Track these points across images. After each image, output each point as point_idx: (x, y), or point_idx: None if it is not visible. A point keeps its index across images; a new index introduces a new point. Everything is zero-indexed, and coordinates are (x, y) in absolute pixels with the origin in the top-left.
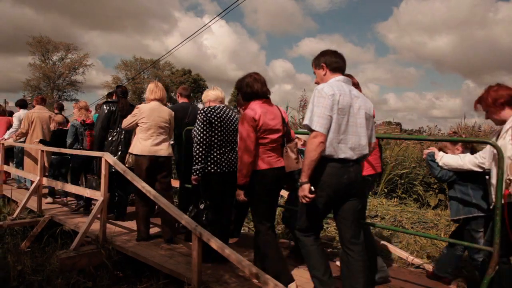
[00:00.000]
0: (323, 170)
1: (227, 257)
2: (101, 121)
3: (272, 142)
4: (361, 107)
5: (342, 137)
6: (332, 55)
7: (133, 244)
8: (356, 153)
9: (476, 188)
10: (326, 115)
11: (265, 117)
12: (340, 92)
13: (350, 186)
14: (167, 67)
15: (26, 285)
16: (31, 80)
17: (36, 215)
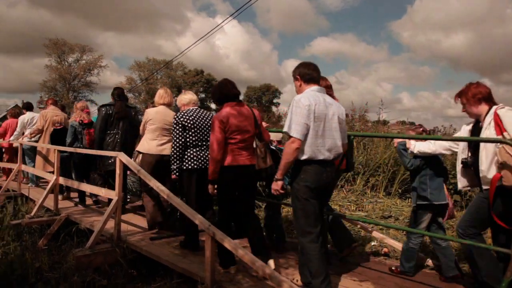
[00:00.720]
0: (306, 170)
1: (241, 258)
2: (99, 123)
3: (241, 141)
4: (334, 113)
5: (320, 141)
6: (305, 67)
7: (147, 243)
8: (333, 153)
9: (433, 179)
10: (302, 123)
11: (235, 119)
12: (315, 101)
13: (328, 183)
14: (179, 68)
15: (43, 282)
16: (48, 81)
17: (53, 214)
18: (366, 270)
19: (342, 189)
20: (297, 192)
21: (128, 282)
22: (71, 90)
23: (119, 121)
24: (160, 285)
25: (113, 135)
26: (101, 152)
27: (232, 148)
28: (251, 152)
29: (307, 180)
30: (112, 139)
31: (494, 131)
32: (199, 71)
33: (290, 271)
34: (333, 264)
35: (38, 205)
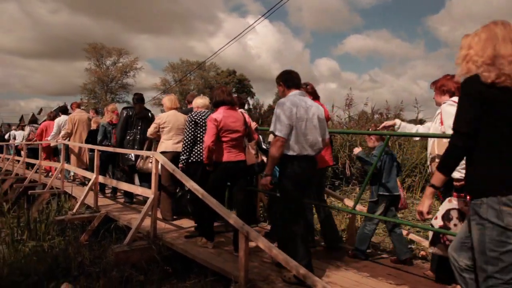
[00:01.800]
0: (292, 165)
1: (274, 257)
2: (121, 123)
3: (232, 140)
4: (314, 113)
5: (302, 138)
6: (287, 74)
7: (182, 241)
8: (315, 149)
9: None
10: (286, 124)
11: (227, 120)
12: (297, 104)
13: (310, 176)
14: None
15: (85, 275)
16: (87, 84)
17: (93, 211)
18: (403, 274)
19: None
20: (284, 185)
21: (164, 279)
22: (109, 92)
23: (138, 121)
24: (194, 282)
25: (133, 134)
26: (139, 152)
27: (224, 147)
28: (241, 149)
29: (292, 173)
30: (132, 137)
31: (439, 124)
32: (232, 71)
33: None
34: (369, 266)
35: (80, 202)
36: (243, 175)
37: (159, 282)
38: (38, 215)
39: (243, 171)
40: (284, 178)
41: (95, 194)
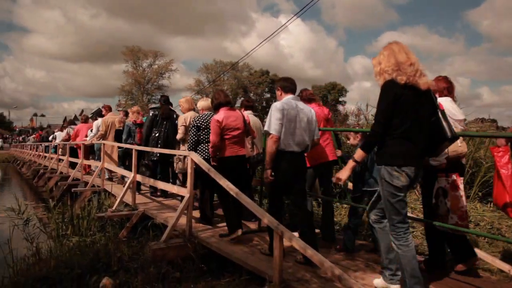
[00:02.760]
0: (280, 159)
1: (309, 258)
2: (147, 122)
3: (233, 137)
4: (304, 116)
5: (290, 137)
6: (284, 81)
7: (217, 240)
8: (301, 147)
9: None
10: (278, 123)
11: (227, 120)
12: (289, 107)
13: (297, 170)
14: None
15: (124, 270)
16: (125, 86)
17: (131, 209)
18: (448, 280)
19: (414, 190)
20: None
21: (199, 276)
22: (145, 93)
23: (164, 121)
24: (229, 280)
25: (158, 132)
26: (174, 151)
27: (227, 143)
28: (242, 145)
29: (279, 166)
30: (157, 135)
31: None
32: (265, 71)
33: (359, 274)
34: None
35: (119, 200)
36: (244, 168)
37: (194, 279)
38: (81, 212)
39: (243, 164)
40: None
41: (133, 192)
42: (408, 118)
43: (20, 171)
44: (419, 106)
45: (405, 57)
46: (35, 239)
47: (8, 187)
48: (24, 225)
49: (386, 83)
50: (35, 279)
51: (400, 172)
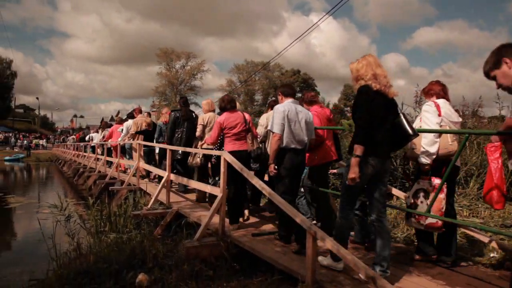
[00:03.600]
0: (283, 155)
1: (342, 258)
2: (170, 124)
3: (234, 135)
4: (302, 117)
5: (291, 136)
6: (284, 87)
7: (250, 239)
8: (301, 144)
9: None
10: (280, 123)
11: (228, 121)
12: (289, 109)
13: (299, 165)
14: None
15: (159, 267)
16: (159, 87)
17: (166, 207)
18: (486, 285)
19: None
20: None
21: (231, 275)
22: (178, 93)
23: (185, 122)
24: (261, 280)
25: (180, 133)
26: (206, 151)
27: (230, 140)
28: (243, 142)
29: (284, 163)
30: (180, 136)
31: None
32: (296, 71)
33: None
34: (445, 274)
35: (154, 199)
36: (246, 161)
37: (227, 278)
38: (117, 210)
39: (245, 157)
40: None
41: (167, 191)
42: (376, 120)
43: (62, 170)
44: (386, 110)
45: (381, 70)
46: (76, 235)
47: (51, 185)
48: (66, 221)
49: (364, 87)
50: (76, 273)
51: (366, 161)
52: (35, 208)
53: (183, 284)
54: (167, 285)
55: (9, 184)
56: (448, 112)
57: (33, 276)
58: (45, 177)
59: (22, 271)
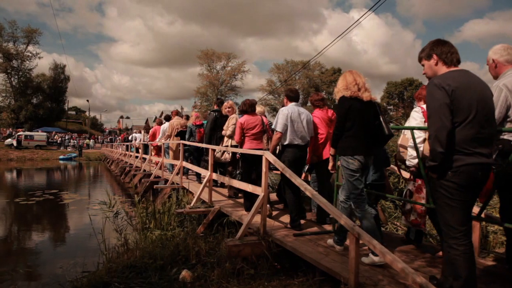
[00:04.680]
0: (288, 150)
1: (389, 263)
2: (209, 124)
3: (252, 135)
4: (304, 118)
5: (294, 134)
6: (290, 92)
7: (291, 239)
8: (303, 141)
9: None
10: (283, 123)
11: (248, 122)
12: (292, 111)
13: (300, 159)
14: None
15: (202, 264)
16: (200, 88)
17: (208, 206)
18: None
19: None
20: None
21: (273, 274)
22: (219, 94)
23: (223, 122)
24: (302, 280)
25: (219, 132)
26: (250, 151)
27: (248, 139)
28: (259, 141)
29: (288, 156)
30: (219, 135)
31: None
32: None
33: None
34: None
35: (196, 197)
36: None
37: (268, 277)
38: (162, 207)
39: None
40: (282, 160)
41: (209, 190)
42: (355, 122)
43: (110, 168)
44: (364, 113)
45: (352, 79)
46: (123, 231)
47: (100, 183)
48: (114, 218)
49: (340, 98)
50: (124, 267)
51: (353, 159)
52: (86, 204)
53: (225, 281)
54: (210, 282)
55: (63, 182)
56: None
57: (86, 268)
58: (95, 175)
59: (76, 262)
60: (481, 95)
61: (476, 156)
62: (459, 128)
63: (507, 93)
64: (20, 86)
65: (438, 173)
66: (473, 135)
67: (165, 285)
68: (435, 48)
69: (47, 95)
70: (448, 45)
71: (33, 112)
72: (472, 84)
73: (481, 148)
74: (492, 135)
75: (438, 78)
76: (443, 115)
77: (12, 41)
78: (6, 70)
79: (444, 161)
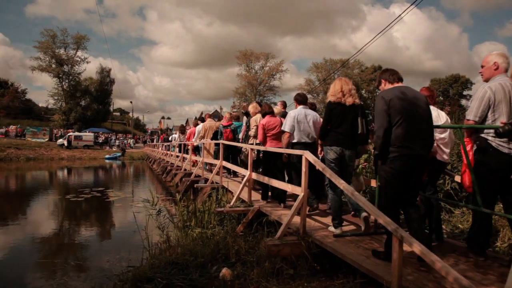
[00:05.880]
0: (296, 148)
1: (431, 264)
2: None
3: (272, 135)
4: (310, 119)
5: (301, 133)
6: (299, 96)
7: (331, 240)
8: (310, 139)
9: None
10: (291, 125)
11: (269, 124)
12: (299, 113)
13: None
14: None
15: (241, 263)
16: (239, 88)
17: (247, 205)
18: None
19: None
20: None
21: (312, 275)
22: (258, 94)
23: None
24: (343, 282)
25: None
26: (288, 151)
27: (269, 139)
28: (279, 141)
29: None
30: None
31: None
32: (377, 67)
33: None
34: None
35: (236, 197)
36: (280, 156)
37: (307, 278)
38: (202, 206)
39: (279, 154)
40: (291, 156)
41: (249, 190)
42: (338, 121)
43: (152, 167)
44: (346, 114)
45: (339, 87)
46: (165, 228)
47: (143, 181)
48: (157, 215)
49: (327, 102)
50: (166, 263)
51: (330, 149)
52: (130, 202)
53: (264, 281)
54: (249, 281)
55: (109, 180)
56: (435, 119)
57: (130, 263)
58: (138, 174)
59: (121, 257)
60: (411, 103)
61: (407, 148)
62: (394, 128)
63: (490, 95)
64: (70, 89)
65: (381, 159)
66: (403, 133)
67: (206, 282)
68: (382, 75)
69: (94, 97)
70: (389, 71)
71: (81, 114)
72: (405, 95)
73: (411, 143)
74: (420, 132)
75: (382, 92)
76: (381, 118)
77: (63, 47)
78: (58, 75)
79: (384, 151)
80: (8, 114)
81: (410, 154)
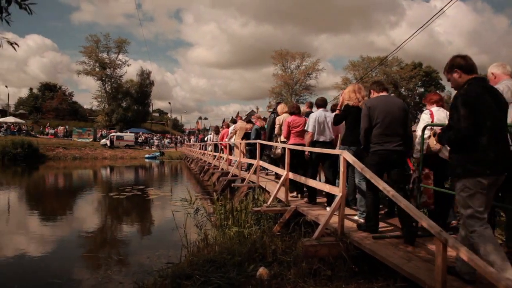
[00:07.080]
0: (314, 146)
1: (477, 269)
2: (270, 124)
3: (296, 132)
4: (329, 121)
5: (321, 133)
6: (318, 100)
7: (371, 242)
8: (328, 138)
9: None
10: (312, 125)
11: (294, 122)
12: (319, 115)
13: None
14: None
15: (278, 262)
16: (275, 88)
17: (284, 205)
18: None
19: None
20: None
21: (350, 277)
22: (293, 94)
23: None
24: (382, 285)
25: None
26: (331, 151)
27: (293, 135)
28: (302, 138)
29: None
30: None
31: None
32: (417, 64)
33: None
34: None
35: (273, 196)
36: (303, 152)
37: (345, 279)
38: (239, 205)
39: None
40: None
41: (286, 189)
42: (353, 121)
43: (190, 167)
44: (357, 116)
45: (354, 95)
46: (203, 227)
47: (181, 180)
48: (195, 214)
49: (345, 105)
50: (204, 261)
51: (348, 149)
52: (168, 200)
53: (301, 281)
54: (286, 281)
55: (149, 179)
56: (439, 117)
57: (169, 260)
58: (176, 173)
59: (160, 254)
60: (388, 109)
61: (383, 145)
62: (374, 129)
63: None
64: (112, 91)
65: (366, 153)
66: (380, 132)
67: (243, 281)
68: (371, 86)
69: (135, 99)
70: (376, 83)
71: (123, 115)
72: (384, 103)
73: (387, 141)
74: (395, 132)
75: (367, 100)
76: (364, 121)
77: (106, 51)
78: (101, 77)
79: (367, 147)
80: (57, 116)
81: (385, 149)
